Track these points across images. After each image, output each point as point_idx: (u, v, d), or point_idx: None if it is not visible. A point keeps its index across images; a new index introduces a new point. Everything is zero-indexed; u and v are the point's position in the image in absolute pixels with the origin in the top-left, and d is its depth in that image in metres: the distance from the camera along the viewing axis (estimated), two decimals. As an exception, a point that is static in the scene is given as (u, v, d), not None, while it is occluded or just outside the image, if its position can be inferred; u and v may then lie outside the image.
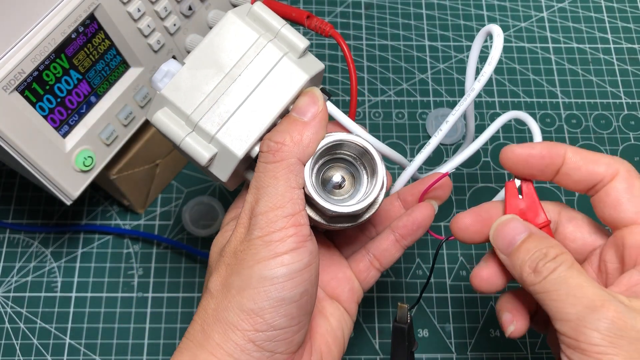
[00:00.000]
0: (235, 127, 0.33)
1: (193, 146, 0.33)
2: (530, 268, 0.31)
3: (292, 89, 0.34)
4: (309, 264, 0.32)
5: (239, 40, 0.34)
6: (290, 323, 0.32)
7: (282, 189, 0.32)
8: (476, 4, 0.66)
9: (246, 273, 0.32)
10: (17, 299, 0.52)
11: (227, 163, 0.34)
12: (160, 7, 0.44)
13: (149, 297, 0.53)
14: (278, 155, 0.32)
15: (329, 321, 0.37)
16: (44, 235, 0.55)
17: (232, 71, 0.34)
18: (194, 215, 0.56)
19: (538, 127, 0.39)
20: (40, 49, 0.38)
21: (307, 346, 0.35)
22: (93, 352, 0.50)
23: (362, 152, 0.35)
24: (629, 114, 0.61)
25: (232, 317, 0.32)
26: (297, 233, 0.32)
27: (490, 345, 0.51)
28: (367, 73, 0.62)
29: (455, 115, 0.38)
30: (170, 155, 0.54)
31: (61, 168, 0.42)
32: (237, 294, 0.32)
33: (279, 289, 0.31)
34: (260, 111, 0.34)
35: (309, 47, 0.35)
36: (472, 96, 0.38)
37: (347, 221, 0.35)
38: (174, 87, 0.34)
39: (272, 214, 0.32)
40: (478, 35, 0.40)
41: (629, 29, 0.65)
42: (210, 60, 0.34)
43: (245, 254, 0.32)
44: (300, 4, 0.66)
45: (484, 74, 0.37)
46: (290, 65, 0.34)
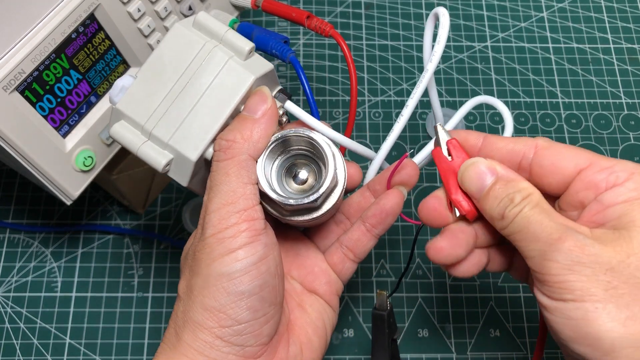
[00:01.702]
0: (188, 132, 0.34)
1: (149, 153, 0.35)
2: (499, 215, 0.32)
3: (240, 90, 0.35)
4: (264, 257, 0.33)
5: (186, 49, 0.35)
6: (254, 316, 0.33)
7: (234, 185, 0.33)
8: (476, 4, 0.66)
9: (204, 272, 0.32)
10: (17, 299, 0.52)
11: (184, 167, 0.35)
12: (160, 7, 0.44)
13: (149, 297, 0.53)
14: (229, 153, 0.33)
15: (308, 313, 0.38)
16: (44, 235, 0.55)
17: (181, 79, 0.35)
18: (194, 215, 0.56)
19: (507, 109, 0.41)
20: (40, 49, 0.38)
21: (283, 338, 0.36)
22: (93, 352, 0.50)
23: (310, 144, 0.35)
24: (628, 114, 0.61)
25: (197, 317, 0.32)
26: (250, 228, 0.32)
27: (490, 345, 0.51)
28: (367, 73, 0.62)
29: (414, 99, 0.39)
30: (170, 155, 0.54)
31: (61, 168, 0.42)
32: (199, 294, 0.33)
33: (237, 283, 0.32)
34: (210, 114, 0.34)
35: (253, 48, 0.36)
36: (427, 77, 0.39)
37: (307, 213, 0.36)
38: (128, 100, 0.35)
39: (224, 210, 0.33)
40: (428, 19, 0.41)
41: (629, 29, 0.65)
42: (159, 70, 0.35)
43: (201, 254, 0.33)
44: (300, 4, 0.66)
45: (435, 53, 0.38)
46: (236, 67, 0.35)
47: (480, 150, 0.35)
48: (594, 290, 0.28)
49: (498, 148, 0.34)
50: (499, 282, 0.53)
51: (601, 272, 0.28)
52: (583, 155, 0.32)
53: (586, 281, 0.28)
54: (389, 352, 0.40)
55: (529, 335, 0.51)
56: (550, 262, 0.29)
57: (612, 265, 0.28)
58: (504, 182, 0.32)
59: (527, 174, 0.34)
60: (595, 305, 0.28)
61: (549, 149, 0.33)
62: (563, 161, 0.32)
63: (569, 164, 0.32)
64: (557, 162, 0.32)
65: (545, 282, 0.29)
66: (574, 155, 0.32)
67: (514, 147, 0.34)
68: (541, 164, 0.33)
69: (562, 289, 0.28)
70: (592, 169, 0.32)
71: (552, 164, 0.33)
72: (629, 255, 0.28)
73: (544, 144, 0.33)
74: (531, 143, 0.34)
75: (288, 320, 0.37)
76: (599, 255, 0.28)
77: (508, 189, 0.32)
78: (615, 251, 0.28)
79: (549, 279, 0.29)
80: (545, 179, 0.33)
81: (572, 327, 0.28)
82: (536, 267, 0.30)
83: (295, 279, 0.39)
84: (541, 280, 0.29)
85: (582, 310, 0.28)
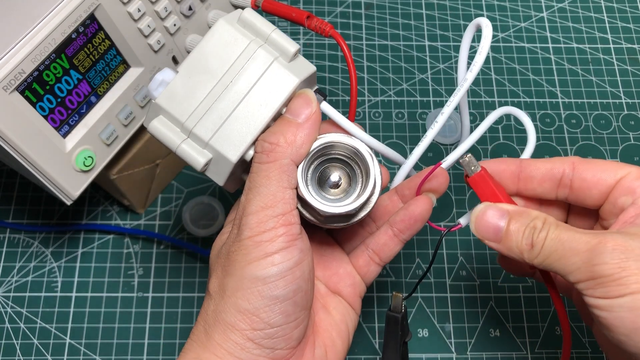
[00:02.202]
0: (229, 133, 0.34)
1: (188, 152, 0.34)
2: (527, 246, 0.33)
3: (283, 92, 0.34)
4: (299, 262, 0.33)
5: (230, 47, 0.35)
6: (286, 320, 0.33)
7: (273, 189, 0.33)
8: (476, 4, 0.66)
9: (239, 274, 0.32)
10: (18, 299, 0.52)
11: (222, 168, 0.35)
12: (160, 7, 0.44)
13: (149, 297, 0.53)
14: (271, 156, 0.33)
15: (332, 315, 0.38)
16: (44, 235, 0.55)
17: (224, 77, 0.35)
18: (194, 215, 0.56)
19: (531, 123, 0.40)
20: (40, 49, 0.38)
21: (309, 340, 0.36)
22: (93, 352, 0.50)
23: (354, 153, 0.35)
24: (628, 114, 0.61)
25: (229, 318, 0.32)
26: (287, 232, 0.32)
27: (490, 345, 0.51)
28: (367, 73, 0.62)
29: (450, 107, 0.38)
30: (171, 155, 0.54)
31: (61, 168, 0.42)
32: (232, 295, 0.33)
33: (272, 287, 0.32)
34: (252, 116, 0.34)
35: (299, 50, 0.36)
36: (465, 87, 0.38)
37: (342, 221, 0.35)
38: (168, 95, 0.35)
39: (262, 213, 0.32)
40: (468, 29, 0.40)
41: (629, 29, 0.65)
42: (202, 67, 0.35)
43: (236, 255, 0.33)
44: (300, 4, 0.66)
45: (475, 64, 0.37)
46: (280, 69, 0.35)
47: (519, 175, 0.36)
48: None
49: (537, 168, 0.36)
50: (499, 282, 0.53)
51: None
52: (621, 166, 0.34)
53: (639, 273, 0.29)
54: (400, 355, 0.39)
55: (529, 335, 0.51)
56: (600, 265, 0.30)
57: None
58: (517, 216, 0.34)
59: (567, 190, 0.36)
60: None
61: (588, 164, 0.35)
62: (604, 173, 0.34)
63: (610, 175, 0.34)
64: (598, 174, 0.35)
65: (601, 285, 0.30)
66: (612, 166, 0.35)
67: (552, 167, 0.36)
68: (583, 177, 0.35)
69: (620, 285, 0.29)
70: (629, 177, 0.34)
71: (594, 175, 0.35)
72: None
73: (580, 160, 0.35)
74: (568, 160, 0.36)
75: (313, 323, 0.37)
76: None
77: (525, 219, 0.33)
78: None
79: (604, 280, 0.30)
80: (588, 191, 0.35)
81: (632, 319, 0.29)
82: (584, 275, 0.30)
83: (319, 279, 0.39)
84: (593, 285, 0.30)
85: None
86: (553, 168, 0.36)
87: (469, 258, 0.54)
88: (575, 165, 0.35)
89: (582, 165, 0.35)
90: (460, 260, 0.54)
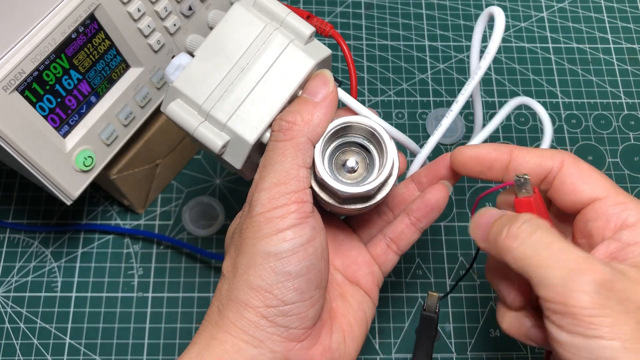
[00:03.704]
0: (246, 114, 0.34)
1: (206, 134, 0.34)
2: (513, 236, 0.30)
3: (299, 74, 0.35)
4: (312, 239, 0.33)
5: (246, 30, 0.35)
6: (301, 297, 0.32)
7: (288, 166, 0.33)
8: (476, 4, 0.66)
9: (251, 251, 0.32)
10: (17, 299, 0.52)
11: (240, 150, 0.35)
12: (160, 7, 0.44)
13: (149, 297, 0.53)
14: (288, 134, 0.33)
15: (350, 303, 0.38)
16: (44, 235, 0.55)
17: (240, 60, 0.35)
18: (194, 215, 0.56)
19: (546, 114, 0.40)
20: (40, 49, 0.38)
21: (326, 325, 0.35)
22: (93, 352, 0.50)
23: (371, 134, 0.35)
24: (629, 114, 0.61)
25: (242, 296, 0.32)
26: (299, 210, 0.32)
27: (490, 345, 0.51)
28: (367, 73, 0.62)
29: (465, 95, 0.38)
30: (170, 155, 0.54)
31: (61, 168, 0.42)
32: (244, 273, 0.32)
33: (284, 263, 0.32)
34: (269, 98, 0.34)
35: (314, 33, 0.36)
36: (479, 75, 0.38)
37: (360, 202, 0.35)
38: (185, 79, 0.35)
39: (274, 190, 0.32)
40: (480, 18, 0.40)
41: (629, 29, 0.65)
42: (219, 51, 0.35)
43: (248, 232, 0.33)
44: (300, 4, 0.66)
45: (489, 52, 0.37)
46: (296, 51, 0.35)
47: (509, 164, 0.35)
48: (625, 328, 0.26)
49: (526, 161, 0.35)
50: (499, 282, 0.53)
51: (632, 309, 0.27)
52: (602, 185, 0.33)
53: (617, 317, 0.26)
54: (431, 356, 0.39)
55: (529, 335, 0.51)
56: (578, 293, 0.27)
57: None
58: (509, 215, 0.33)
59: (549, 186, 0.35)
60: (625, 345, 0.26)
61: (574, 168, 0.34)
62: (583, 185, 0.33)
63: (587, 189, 0.33)
64: (576, 184, 0.33)
65: (571, 315, 0.27)
66: (594, 181, 0.33)
67: (542, 162, 0.34)
68: (563, 180, 0.34)
69: (590, 324, 0.26)
70: (607, 202, 0.32)
71: (572, 183, 0.33)
72: None
73: (570, 160, 0.34)
74: (559, 157, 0.34)
75: (330, 309, 0.37)
76: (629, 292, 0.27)
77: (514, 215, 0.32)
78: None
79: (576, 311, 0.27)
80: (563, 195, 0.34)
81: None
82: (557, 297, 0.27)
83: (337, 268, 0.39)
84: (562, 312, 0.27)
85: (610, 350, 0.26)
86: (541, 164, 0.34)
87: (469, 258, 0.54)
88: (563, 165, 0.34)
89: (568, 168, 0.34)
90: (460, 260, 0.54)
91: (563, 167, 0.34)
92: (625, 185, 0.57)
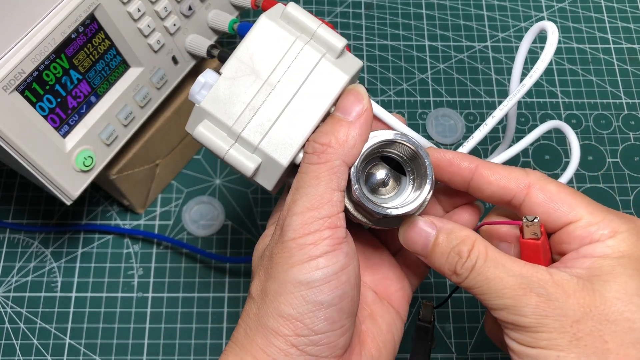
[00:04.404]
0: (278, 135, 0.33)
1: (237, 158, 0.33)
2: (450, 271, 0.32)
3: (333, 91, 0.33)
4: (345, 267, 0.31)
5: (275, 45, 0.33)
6: (332, 327, 0.31)
7: (322, 190, 0.31)
8: (476, 4, 0.66)
9: (281, 277, 0.31)
10: (17, 299, 0.52)
11: (272, 172, 0.33)
12: (160, 7, 0.44)
13: (149, 297, 0.53)
14: (323, 157, 0.32)
15: (379, 325, 0.37)
16: (44, 235, 0.55)
17: (270, 77, 0.33)
18: (194, 215, 0.56)
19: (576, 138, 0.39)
20: (40, 49, 0.38)
21: (355, 350, 0.34)
22: (93, 352, 0.50)
23: (409, 152, 0.34)
24: (629, 114, 0.61)
25: (272, 323, 0.31)
26: (332, 236, 0.31)
27: (490, 345, 0.51)
28: (367, 73, 0.62)
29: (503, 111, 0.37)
30: (170, 155, 0.54)
31: (61, 168, 0.42)
32: (274, 299, 0.31)
33: (316, 292, 0.31)
34: (302, 117, 0.33)
35: (346, 45, 0.34)
36: (522, 92, 0.36)
37: (395, 222, 0.34)
38: (213, 98, 0.33)
39: (307, 215, 0.31)
40: (528, 32, 0.39)
41: (629, 29, 0.65)
42: (247, 67, 0.33)
43: (279, 257, 0.32)
44: (300, 4, 0.66)
45: (536, 70, 0.36)
46: (329, 66, 0.33)
47: (470, 182, 0.34)
48: (560, 340, 0.29)
49: (489, 182, 0.34)
50: (499, 282, 0.53)
51: (568, 324, 0.29)
52: (574, 206, 0.32)
53: (554, 332, 0.29)
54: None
55: (529, 335, 0.51)
56: (520, 317, 0.30)
57: (577, 318, 0.29)
58: (445, 234, 0.32)
59: (516, 209, 0.34)
60: (558, 354, 0.29)
61: (542, 193, 0.33)
62: (553, 212, 0.32)
63: (559, 214, 0.32)
64: (548, 211, 0.32)
65: (519, 330, 0.30)
66: (565, 204, 0.32)
67: (506, 185, 0.33)
68: (533, 209, 0.33)
69: (534, 339, 0.29)
70: (580, 224, 0.32)
71: (542, 212, 0.32)
72: (591, 309, 0.29)
73: (537, 185, 0.33)
74: (524, 181, 0.33)
75: (360, 332, 0.36)
76: (564, 309, 0.29)
77: (451, 240, 0.32)
78: (579, 304, 0.29)
79: (522, 330, 0.30)
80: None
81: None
82: (506, 319, 0.30)
83: (368, 285, 0.37)
84: (512, 328, 0.30)
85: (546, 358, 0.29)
86: (506, 187, 0.33)
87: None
88: (530, 190, 0.33)
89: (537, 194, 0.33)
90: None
91: (530, 192, 0.33)
92: (625, 185, 0.57)
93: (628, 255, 0.30)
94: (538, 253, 0.33)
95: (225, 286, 0.53)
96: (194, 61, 0.49)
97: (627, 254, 0.30)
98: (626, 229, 0.31)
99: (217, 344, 0.51)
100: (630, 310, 0.29)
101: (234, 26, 0.47)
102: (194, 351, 0.51)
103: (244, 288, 0.53)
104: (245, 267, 0.54)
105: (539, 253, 0.33)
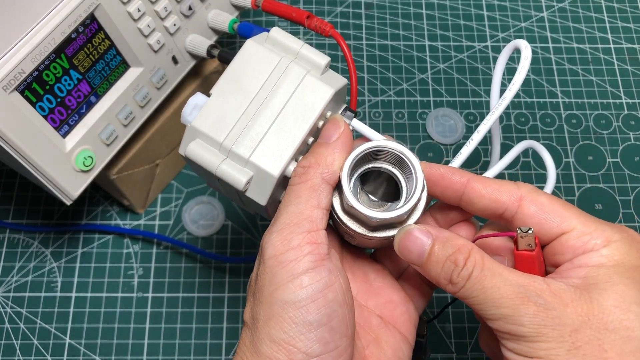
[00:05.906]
0: (268, 148, 0.34)
1: (229, 172, 0.34)
2: (445, 280, 0.31)
3: (319, 103, 0.34)
4: (330, 284, 0.31)
5: (262, 65, 0.35)
6: (326, 348, 0.31)
7: (302, 207, 0.32)
8: (476, 4, 0.66)
9: (268, 301, 0.31)
10: (17, 299, 0.52)
11: (265, 184, 0.34)
12: (160, 7, 0.44)
13: (149, 297, 0.53)
14: (303, 177, 0.33)
15: (384, 349, 0.36)
16: (44, 235, 0.55)
17: (258, 94, 0.34)
18: (194, 215, 0.56)
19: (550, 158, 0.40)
20: (40, 49, 0.38)
21: None
22: (93, 352, 0.50)
23: (396, 157, 0.34)
24: (629, 114, 0.61)
25: (265, 349, 0.31)
26: (313, 251, 0.31)
27: (490, 345, 0.51)
28: (367, 73, 0.62)
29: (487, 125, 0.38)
30: (170, 155, 0.54)
31: (61, 168, 0.42)
32: (265, 325, 0.31)
33: (304, 313, 0.30)
34: (290, 129, 0.34)
35: (329, 62, 0.36)
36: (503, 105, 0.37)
37: (391, 229, 0.34)
38: (204, 117, 0.34)
39: (287, 230, 0.31)
40: (504, 50, 0.40)
41: (629, 29, 0.65)
42: (235, 87, 0.35)
43: (263, 279, 0.31)
44: (300, 4, 0.66)
45: (514, 83, 0.37)
46: (314, 81, 0.35)
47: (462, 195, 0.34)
48: (559, 350, 0.29)
49: (481, 195, 0.34)
50: (499, 282, 0.53)
51: (566, 333, 0.29)
52: (566, 217, 0.32)
53: (552, 341, 0.29)
54: None
55: (529, 336, 0.51)
56: (518, 326, 0.29)
57: (575, 327, 0.29)
58: (441, 243, 0.32)
59: (508, 222, 0.34)
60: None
61: (534, 206, 0.33)
62: (546, 223, 0.32)
63: (552, 225, 0.32)
64: (540, 223, 0.32)
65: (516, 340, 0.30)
66: (557, 215, 0.32)
67: (498, 198, 0.33)
68: (525, 221, 0.33)
69: (532, 348, 0.29)
70: (573, 234, 0.32)
71: (535, 224, 0.32)
72: (590, 318, 0.29)
73: (528, 197, 0.33)
74: (516, 194, 0.33)
75: (363, 356, 0.35)
76: (562, 318, 0.29)
77: (447, 249, 0.32)
78: (577, 313, 0.29)
79: (519, 339, 0.30)
80: None
81: None
82: (503, 329, 0.30)
83: (372, 310, 0.37)
84: (509, 338, 0.30)
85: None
86: (497, 200, 0.33)
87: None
88: (522, 202, 0.33)
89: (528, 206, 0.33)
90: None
91: (522, 204, 0.33)
92: (625, 185, 0.57)
93: (623, 264, 0.30)
94: (533, 264, 0.33)
95: (225, 286, 0.53)
96: (194, 61, 0.49)
97: (622, 262, 0.30)
98: (619, 238, 0.31)
99: (217, 344, 0.51)
100: (628, 318, 0.29)
101: (234, 26, 0.47)
102: (194, 351, 0.51)
103: (244, 288, 0.53)
104: (245, 267, 0.54)
105: (533, 264, 0.33)
